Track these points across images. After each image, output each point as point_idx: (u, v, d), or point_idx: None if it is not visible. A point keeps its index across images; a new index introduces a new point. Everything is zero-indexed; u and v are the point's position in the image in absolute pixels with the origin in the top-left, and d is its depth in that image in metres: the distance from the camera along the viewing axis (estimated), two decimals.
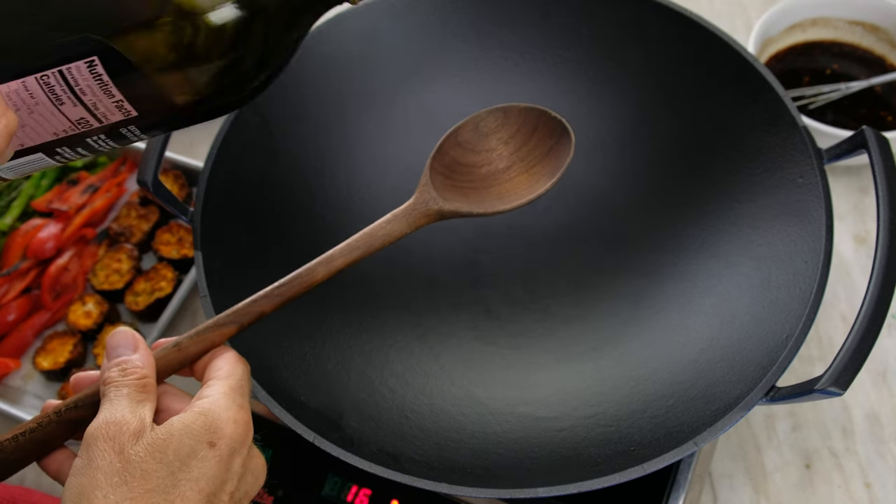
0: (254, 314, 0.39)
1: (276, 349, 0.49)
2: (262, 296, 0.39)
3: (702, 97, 0.55)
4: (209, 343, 0.38)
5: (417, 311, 0.58)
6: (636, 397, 0.49)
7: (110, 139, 0.33)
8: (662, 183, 0.58)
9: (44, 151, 0.33)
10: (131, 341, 0.36)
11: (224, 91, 0.33)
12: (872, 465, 0.57)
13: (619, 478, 0.40)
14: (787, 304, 0.45)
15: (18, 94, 0.30)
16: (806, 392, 0.39)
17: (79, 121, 0.32)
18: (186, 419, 0.33)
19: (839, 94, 0.70)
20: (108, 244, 0.69)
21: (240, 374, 0.37)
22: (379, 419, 0.49)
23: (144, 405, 0.34)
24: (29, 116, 0.31)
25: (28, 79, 0.30)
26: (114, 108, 0.31)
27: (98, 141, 0.33)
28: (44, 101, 0.31)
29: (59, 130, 0.32)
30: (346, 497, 0.51)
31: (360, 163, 0.60)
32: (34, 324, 0.66)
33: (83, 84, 0.30)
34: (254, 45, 0.33)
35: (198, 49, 0.31)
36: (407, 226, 0.42)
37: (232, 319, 0.38)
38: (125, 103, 0.31)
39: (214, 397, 0.35)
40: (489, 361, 0.55)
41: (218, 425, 0.33)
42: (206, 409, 0.34)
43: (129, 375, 0.34)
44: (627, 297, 0.56)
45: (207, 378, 0.37)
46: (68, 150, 0.34)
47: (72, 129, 0.32)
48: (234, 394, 0.35)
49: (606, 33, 0.58)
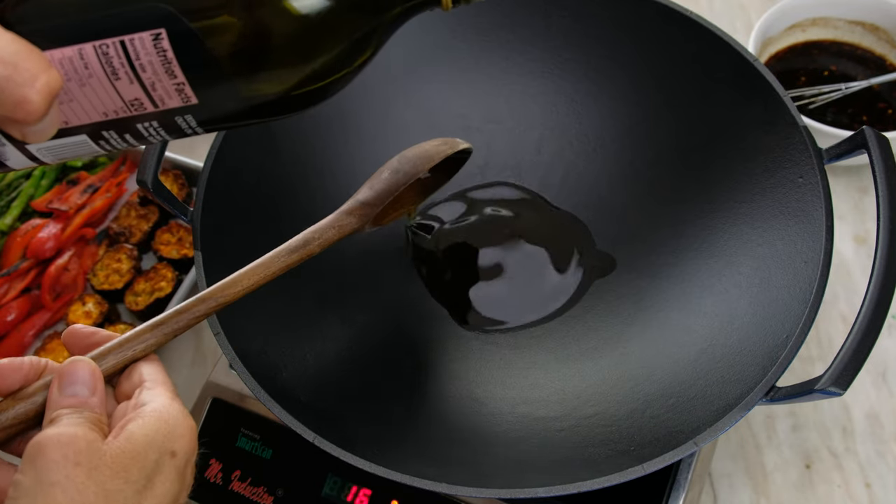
0: (185, 322, 0.37)
1: (276, 349, 0.49)
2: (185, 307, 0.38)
3: (702, 97, 0.55)
4: (130, 360, 0.35)
5: (417, 312, 0.58)
6: (636, 397, 0.49)
7: (163, 128, 0.30)
8: (662, 183, 0.58)
9: (89, 134, 0.30)
10: (90, 381, 0.32)
11: (295, 88, 0.30)
12: (872, 465, 0.57)
13: (619, 478, 0.40)
14: (787, 304, 0.45)
15: (72, 63, 0.28)
16: (806, 392, 0.39)
17: (132, 101, 0.29)
18: (147, 427, 0.31)
19: (839, 93, 0.70)
20: (108, 244, 0.69)
21: (172, 382, 0.34)
22: (379, 419, 0.49)
23: (98, 437, 0.30)
24: (80, 89, 0.28)
25: (85, 46, 0.27)
26: (173, 90, 0.29)
27: (149, 128, 0.30)
28: (98, 73, 0.28)
29: (110, 110, 0.29)
30: (346, 497, 0.51)
31: (360, 162, 0.60)
32: (34, 324, 0.66)
33: (144, 58, 0.28)
34: (335, 40, 0.30)
35: (274, 38, 0.29)
36: (335, 239, 0.44)
37: (163, 332, 0.36)
38: (186, 87, 0.29)
39: (164, 401, 0.32)
40: (489, 361, 0.55)
41: (178, 432, 0.31)
42: (164, 414, 0.31)
43: (86, 417, 0.31)
44: (627, 296, 0.56)
45: (139, 381, 0.34)
46: (115, 136, 0.30)
47: (123, 110, 0.29)
48: (178, 399, 0.33)
49: (606, 33, 0.58)
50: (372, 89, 0.60)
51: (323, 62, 0.30)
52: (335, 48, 0.30)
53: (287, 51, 0.29)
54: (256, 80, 0.30)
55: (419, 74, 0.61)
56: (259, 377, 0.44)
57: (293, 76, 0.30)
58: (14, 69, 0.26)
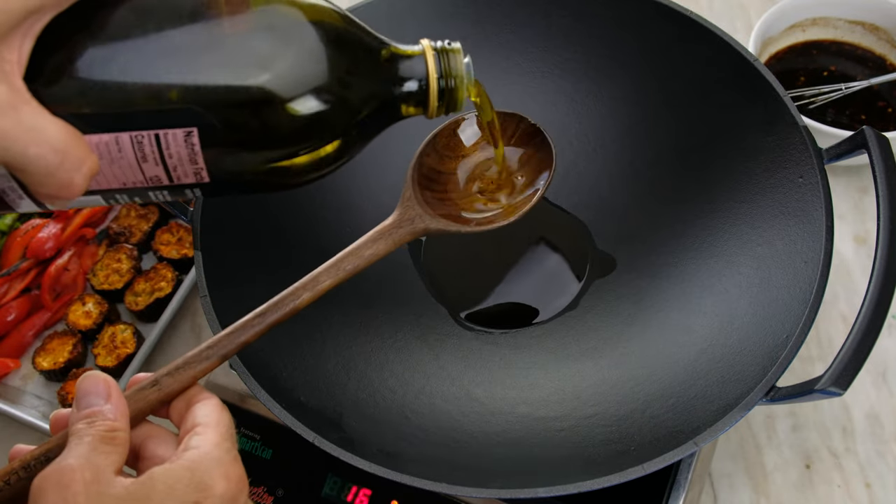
0: (236, 345, 0.37)
1: (276, 349, 0.49)
2: (242, 325, 0.37)
3: (702, 97, 0.55)
4: (191, 379, 0.35)
5: (417, 311, 0.58)
6: (636, 397, 0.49)
7: (170, 194, 0.33)
8: (662, 183, 0.58)
9: (103, 195, 0.33)
10: (103, 389, 0.32)
11: (298, 173, 0.34)
12: (872, 465, 0.57)
13: (618, 478, 0.40)
14: (787, 304, 0.45)
15: (108, 146, 0.30)
16: (806, 392, 0.39)
17: (152, 178, 0.32)
18: (171, 474, 0.29)
19: (839, 93, 0.70)
20: (108, 244, 0.69)
21: (227, 421, 0.33)
22: (379, 419, 0.49)
23: (107, 456, 0.29)
24: (108, 167, 0.31)
25: (123, 135, 0.30)
26: (192, 172, 0.32)
27: (158, 194, 0.33)
28: (129, 156, 0.31)
29: (130, 182, 0.32)
30: (346, 497, 0.51)
31: (360, 162, 0.60)
32: (34, 324, 0.66)
33: (174, 149, 0.31)
34: (330, 136, 0.34)
35: (287, 135, 0.32)
36: (393, 244, 0.41)
37: (214, 353, 0.36)
38: (204, 171, 0.32)
39: (204, 449, 0.31)
40: (489, 361, 0.55)
41: (207, 483, 0.30)
42: (195, 462, 0.30)
43: (96, 427, 0.30)
44: (627, 296, 0.56)
45: (191, 424, 0.33)
46: (125, 197, 0.33)
47: (142, 183, 0.32)
48: (226, 443, 0.32)
49: (606, 33, 0.58)
50: None
51: (320, 155, 0.34)
52: (328, 145, 0.34)
53: (293, 143, 0.33)
54: (264, 168, 0.33)
55: None
56: (259, 377, 0.44)
57: (299, 168, 0.34)
58: (65, 157, 0.28)
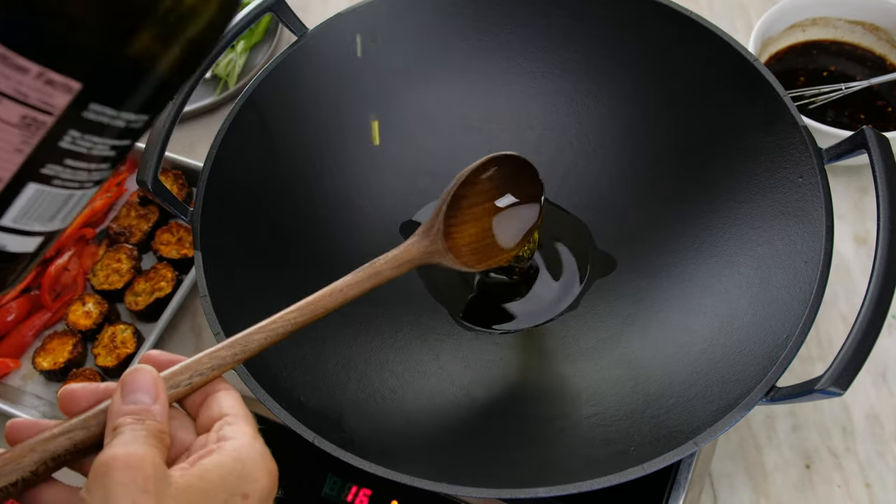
0: (259, 343, 0.37)
1: (276, 349, 0.49)
2: (262, 327, 0.38)
3: (702, 97, 0.55)
4: (215, 378, 0.35)
5: (417, 311, 0.58)
6: (636, 397, 0.49)
7: (90, 134, 0.26)
8: (662, 183, 0.58)
9: (32, 179, 0.27)
10: (153, 389, 0.32)
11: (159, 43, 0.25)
12: (872, 465, 0.57)
13: (618, 478, 0.40)
14: (787, 304, 0.45)
15: None
16: (806, 392, 0.39)
17: (23, 120, 0.25)
18: (223, 466, 0.30)
19: (839, 93, 0.70)
20: (108, 244, 0.69)
21: (251, 414, 0.33)
22: (379, 419, 0.49)
23: (161, 452, 0.30)
24: None
25: None
26: (43, 86, 0.24)
27: (78, 142, 0.26)
28: None
29: (18, 143, 0.25)
30: (346, 497, 0.51)
31: (360, 163, 0.60)
32: (34, 324, 0.66)
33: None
34: None
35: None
36: (409, 269, 0.46)
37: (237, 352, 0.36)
38: (51, 73, 0.24)
39: (245, 441, 0.31)
40: (489, 361, 0.55)
41: (255, 475, 0.30)
42: (243, 454, 0.30)
43: (147, 426, 0.30)
44: (627, 296, 0.56)
45: (217, 413, 0.33)
46: (61, 170, 0.27)
47: (28, 136, 0.25)
48: (260, 438, 0.32)
49: (606, 33, 0.58)
50: (372, 89, 0.60)
51: None
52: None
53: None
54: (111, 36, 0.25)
55: (419, 75, 0.61)
56: (259, 377, 0.44)
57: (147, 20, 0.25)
58: None
